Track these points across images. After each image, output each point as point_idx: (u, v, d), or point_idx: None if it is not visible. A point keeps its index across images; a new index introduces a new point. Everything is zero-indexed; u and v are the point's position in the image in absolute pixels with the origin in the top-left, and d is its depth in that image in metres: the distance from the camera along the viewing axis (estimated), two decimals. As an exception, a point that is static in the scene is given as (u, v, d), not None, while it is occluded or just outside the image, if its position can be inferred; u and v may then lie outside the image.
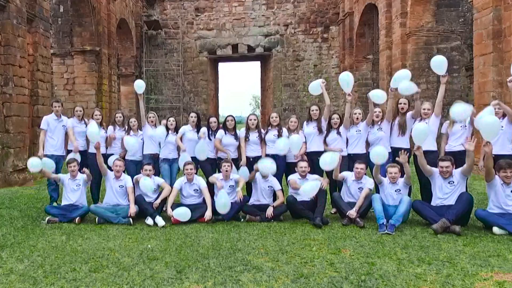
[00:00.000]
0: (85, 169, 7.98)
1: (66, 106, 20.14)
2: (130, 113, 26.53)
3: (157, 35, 29.26)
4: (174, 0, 29.24)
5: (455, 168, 6.77)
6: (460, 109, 6.71)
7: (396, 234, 6.30)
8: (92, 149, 8.19)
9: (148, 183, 7.45)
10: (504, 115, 6.99)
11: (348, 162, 7.74)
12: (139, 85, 8.73)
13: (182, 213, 7.13)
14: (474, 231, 6.44)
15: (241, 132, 8.27)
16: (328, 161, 7.10)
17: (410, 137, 7.41)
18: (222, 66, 33.73)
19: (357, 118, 8.02)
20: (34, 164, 7.71)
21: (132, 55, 27.01)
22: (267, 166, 7.44)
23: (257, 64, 33.45)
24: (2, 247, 5.92)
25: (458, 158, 6.96)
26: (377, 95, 7.93)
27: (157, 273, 4.85)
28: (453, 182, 6.71)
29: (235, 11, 29.20)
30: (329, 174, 7.90)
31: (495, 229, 6.22)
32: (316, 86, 8.45)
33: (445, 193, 6.73)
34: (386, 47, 19.77)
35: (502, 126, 6.80)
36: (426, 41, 17.67)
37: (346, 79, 8.14)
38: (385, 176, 7.22)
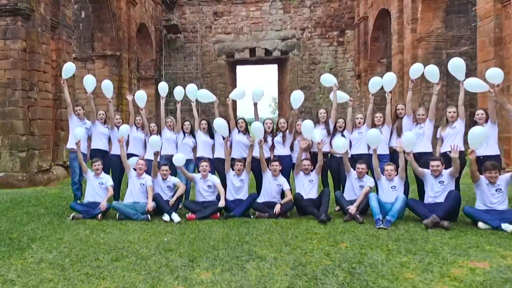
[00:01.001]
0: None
1: (87, 108, 21.04)
2: (150, 115, 27.36)
3: (176, 39, 30.17)
4: (193, 4, 30.07)
5: (445, 168, 7.31)
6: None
7: (390, 229, 6.83)
8: (114, 151, 8.85)
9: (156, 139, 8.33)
10: (487, 120, 7.48)
11: (352, 162, 8.26)
12: (163, 88, 9.37)
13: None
14: (462, 226, 6.96)
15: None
16: (341, 145, 7.73)
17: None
18: (240, 69, 34.33)
19: (359, 122, 8.59)
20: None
21: (151, 58, 27.70)
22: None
23: (274, 67, 34.30)
24: (32, 240, 6.56)
25: (448, 159, 7.51)
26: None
27: (171, 262, 5.43)
28: (443, 182, 7.26)
29: (252, 15, 29.96)
30: (335, 177, 8.54)
31: (480, 224, 6.77)
32: (329, 81, 9.17)
33: (436, 191, 7.28)
34: (398, 52, 20.23)
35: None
36: (436, 46, 18.15)
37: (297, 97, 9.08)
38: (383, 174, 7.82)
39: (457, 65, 7.80)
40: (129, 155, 8.85)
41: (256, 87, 9.08)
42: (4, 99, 12.09)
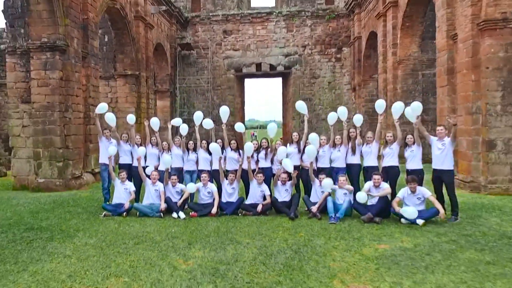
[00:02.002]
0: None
1: (113, 135, 23.22)
2: (164, 125, 29.37)
3: (189, 55, 31.98)
4: (205, 23, 31.79)
5: (383, 180, 9.54)
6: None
7: (338, 224, 9.02)
8: (135, 164, 11.15)
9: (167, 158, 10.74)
10: (414, 142, 9.76)
11: (317, 173, 10.50)
12: (198, 116, 11.66)
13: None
14: (390, 221, 9.13)
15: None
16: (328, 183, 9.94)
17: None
18: (247, 82, 35.79)
19: (323, 142, 10.80)
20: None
21: (167, 73, 29.59)
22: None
23: (278, 80, 35.81)
24: (77, 231, 8.86)
25: (388, 171, 9.78)
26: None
27: (176, 245, 7.68)
28: (383, 187, 9.41)
29: (258, 34, 31.62)
30: (304, 185, 10.84)
31: (402, 220, 8.96)
32: (302, 108, 11.21)
33: (370, 191, 9.47)
34: (383, 71, 22.14)
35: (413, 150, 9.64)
36: (413, 68, 19.94)
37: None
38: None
39: (397, 107, 10.07)
40: (147, 167, 11.16)
41: (223, 108, 11.52)
42: (45, 119, 14.36)
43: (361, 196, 9.15)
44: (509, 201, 11.21)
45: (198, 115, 11.52)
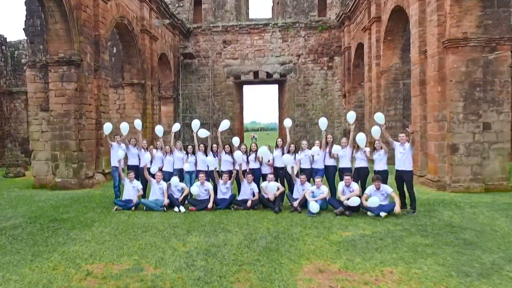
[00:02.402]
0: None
1: (118, 125, 24.42)
2: (168, 129, 30.66)
3: (191, 63, 32.99)
4: (206, 34, 32.82)
5: (354, 180, 10.88)
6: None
7: (315, 216, 10.32)
8: (142, 165, 12.48)
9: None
10: (381, 147, 11.09)
11: (299, 173, 11.84)
12: (196, 124, 12.81)
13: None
14: (360, 214, 10.42)
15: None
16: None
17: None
18: (246, 88, 36.75)
19: (305, 146, 12.16)
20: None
21: (170, 81, 30.70)
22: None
23: (275, 87, 36.85)
24: (93, 221, 10.19)
25: (360, 172, 11.13)
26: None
27: (177, 233, 9.01)
28: (352, 190, 10.69)
29: (256, 44, 32.61)
30: (288, 183, 12.16)
31: (368, 213, 10.26)
32: (323, 123, 12.20)
33: (346, 194, 10.70)
34: (368, 80, 23.39)
35: (380, 154, 10.95)
36: (395, 78, 21.12)
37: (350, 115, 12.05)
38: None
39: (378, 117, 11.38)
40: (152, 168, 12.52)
41: (224, 122, 12.76)
42: (62, 125, 15.64)
43: (373, 201, 10.23)
44: (467, 197, 12.52)
45: (195, 123, 12.76)
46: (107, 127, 12.76)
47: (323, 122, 12.13)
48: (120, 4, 19.95)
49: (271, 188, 11.28)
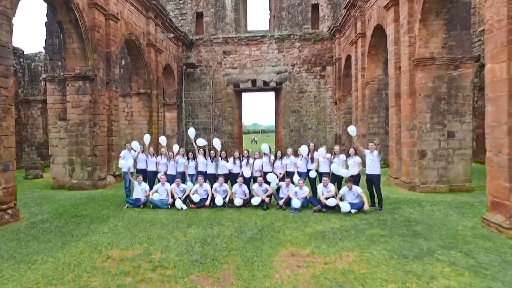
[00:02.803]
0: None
1: (126, 131, 25.92)
2: (172, 133, 32.17)
3: (194, 72, 34.38)
4: (207, 45, 34.28)
5: (331, 182, 12.39)
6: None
7: (296, 213, 11.81)
8: (149, 169, 14.04)
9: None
10: (356, 154, 12.57)
11: (284, 176, 13.36)
12: (191, 132, 14.48)
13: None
14: (335, 211, 11.87)
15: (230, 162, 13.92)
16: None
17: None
18: (244, 95, 38.78)
19: (290, 154, 13.68)
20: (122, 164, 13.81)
21: (174, 89, 32.14)
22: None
23: (271, 94, 38.05)
24: (108, 217, 11.71)
25: (336, 175, 12.64)
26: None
27: (179, 226, 10.52)
28: (329, 190, 12.21)
29: (254, 54, 34.03)
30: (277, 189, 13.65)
31: (342, 210, 11.67)
32: (352, 130, 13.06)
33: (324, 194, 12.21)
34: (354, 90, 24.85)
35: (354, 161, 12.45)
36: (378, 88, 22.50)
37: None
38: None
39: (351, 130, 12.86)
40: (159, 172, 14.07)
41: (215, 141, 14.20)
42: (78, 133, 17.12)
43: (345, 207, 11.64)
44: (432, 197, 14.00)
45: (191, 131, 14.39)
46: (147, 138, 14.78)
47: (352, 130, 12.99)
48: (129, 22, 21.48)
49: (265, 189, 12.98)
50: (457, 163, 15.24)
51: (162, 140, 14.64)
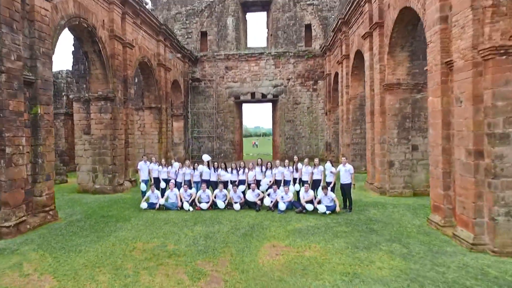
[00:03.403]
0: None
1: (139, 141, 28.08)
2: (179, 141, 34.34)
3: (199, 86, 36.56)
4: (211, 61, 36.44)
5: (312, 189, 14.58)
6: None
7: (282, 214, 13.98)
8: (162, 177, 16.26)
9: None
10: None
11: (274, 183, 15.56)
12: (206, 157, 16.74)
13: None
14: (313, 213, 14.00)
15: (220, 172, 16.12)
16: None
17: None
18: (244, 106, 40.45)
19: (278, 165, 15.88)
20: (142, 186, 15.96)
21: (181, 101, 34.23)
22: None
23: (269, 105, 39.95)
24: (130, 217, 13.89)
25: (315, 183, 14.82)
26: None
27: (187, 224, 12.70)
28: (308, 193, 14.39)
29: (253, 69, 36.17)
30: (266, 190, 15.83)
31: (319, 211, 13.85)
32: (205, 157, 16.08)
33: (305, 198, 14.36)
34: (341, 104, 26.98)
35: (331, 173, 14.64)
36: (360, 104, 24.42)
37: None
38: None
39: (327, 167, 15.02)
40: (169, 180, 16.29)
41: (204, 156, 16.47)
42: (100, 145, 19.31)
43: (321, 208, 13.82)
44: (397, 200, 16.13)
45: (205, 157, 16.83)
46: (206, 157, 17.18)
47: (205, 157, 16.58)
48: (142, 46, 23.71)
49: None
50: (420, 171, 17.36)
51: (205, 157, 16.81)
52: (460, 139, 10.14)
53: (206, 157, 16.34)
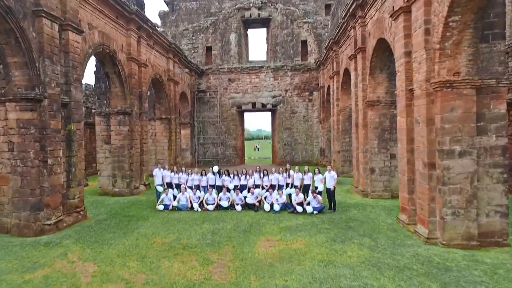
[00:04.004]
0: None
1: (151, 148, 29.99)
2: (186, 147, 36.23)
3: (204, 96, 38.36)
4: (215, 73, 38.25)
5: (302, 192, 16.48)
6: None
7: (277, 214, 15.88)
8: (175, 182, 18.18)
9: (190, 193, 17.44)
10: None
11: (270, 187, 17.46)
12: (216, 168, 18.61)
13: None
14: (303, 213, 15.91)
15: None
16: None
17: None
18: (246, 115, 42.25)
19: (274, 171, 17.79)
20: (159, 189, 17.87)
21: (188, 110, 36.02)
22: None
23: (268, 114, 41.77)
24: (148, 216, 15.79)
25: (305, 187, 16.72)
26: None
27: (196, 222, 14.60)
28: (299, 197, 16.28)
29: (253, 81, 38.00)
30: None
31: (307, 212, 15.76)
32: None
33: (295, 200, 16.26)
34: (332, 115, 28.78)
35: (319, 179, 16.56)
36: (349, 115, 26.01)
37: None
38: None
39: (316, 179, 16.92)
40: (179, 185, 18.20)
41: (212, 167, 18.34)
42: (119, 154, 21.24)
43: (309, 209, 15.75)
44: (376, 202, 17.97)
45: (215, 168, 18.51)
46: (215, 168, 18.85)
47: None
48: (154, 65, 25.68)
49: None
50: (397, 177, 19.13)
51: (215, 168, 18.67)
52: (419, 153, 12.07)
53: (215, 168, 18.32)
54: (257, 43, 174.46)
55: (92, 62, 21.81)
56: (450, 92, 10.87)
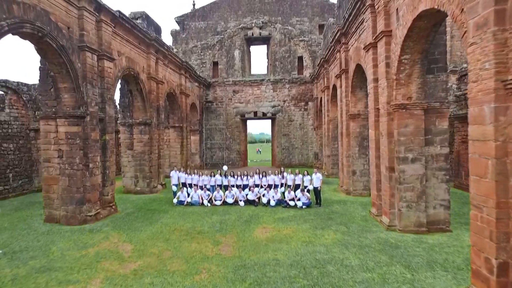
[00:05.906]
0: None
1: (165, 152, 32.45)
2: (196, 151, 38.67)
3: (211, 106, 40.58)
4: (221, 85, 40.43)
5: (294, 190, 18.92)
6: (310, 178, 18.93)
7: (273, 208, 18.31)
8: (189, 181, 20.64)
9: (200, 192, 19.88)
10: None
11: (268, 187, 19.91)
12: (225, 168, 21.06)
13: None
14: (294, 207, 18.36)
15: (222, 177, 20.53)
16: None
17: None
18: (249, 123, 43.85)
19: (270, 172, 20.25)
20: (174, 188, 20.32)
21: (197, 119, 38.13)
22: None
23: (269, 122, 44.01)
24: (167, 210, 18.23)
25: (296, 186, 19.16)
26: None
27: (207, 215, 17.03)
28: (291, 193, 18.72)
29: (255, 93, 40.20)
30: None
31: (297, 206, 18.20)
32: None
33: (289, 197, 18.71)
34: (324, 123, 31.25)
35: (309, 179, 19.00)
36: (337, 125, 28.47)
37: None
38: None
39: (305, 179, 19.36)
40: (195, 185, 20.66)
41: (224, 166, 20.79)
42: (140, 158, 23.73)
43: (299, 204, 18.26)
44: (356, 199, 20.32)
45: (224, 168, 20.91)
46: (225, 168, 21.38)
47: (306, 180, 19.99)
48: (169, 81, 28.18)
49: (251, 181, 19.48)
50: (375, 178, 21.64)
51: (225, 167, 21.09)
52: (382, 159, 14.51)
53: (225, 167, 20.77)
54: (259, 58, 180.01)
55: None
56: (405, 113, 13.29)
